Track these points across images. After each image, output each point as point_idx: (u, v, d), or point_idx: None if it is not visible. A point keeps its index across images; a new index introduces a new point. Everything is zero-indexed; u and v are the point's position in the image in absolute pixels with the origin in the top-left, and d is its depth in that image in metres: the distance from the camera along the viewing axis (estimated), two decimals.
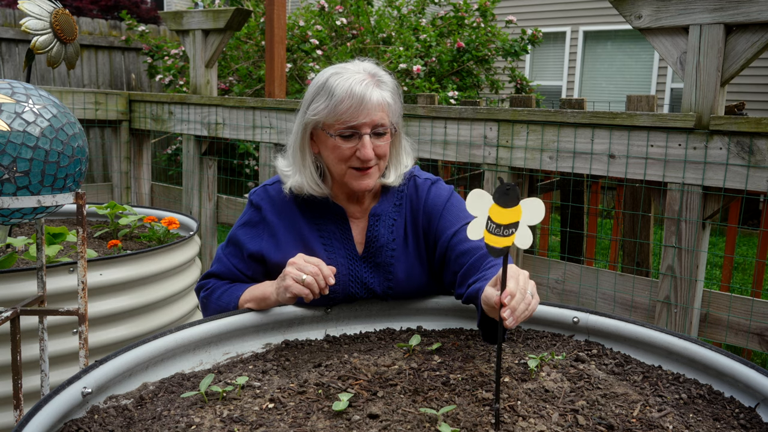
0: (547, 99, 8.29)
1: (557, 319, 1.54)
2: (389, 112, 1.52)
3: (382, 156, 1.56)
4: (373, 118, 1.49)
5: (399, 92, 1.58)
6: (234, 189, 7.39)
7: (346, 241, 1.63)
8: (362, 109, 1.47)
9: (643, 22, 2.28)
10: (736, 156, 2.10)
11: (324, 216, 1.63)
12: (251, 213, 1.66)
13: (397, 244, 1.63)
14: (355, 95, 1.46)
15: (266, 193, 1.65)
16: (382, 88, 1.51)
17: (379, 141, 1.52)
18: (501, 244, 1.02)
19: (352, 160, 1.52)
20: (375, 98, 1.48)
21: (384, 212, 1.64)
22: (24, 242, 2.39)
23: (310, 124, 1.55)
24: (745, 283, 5.32)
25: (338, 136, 1.50)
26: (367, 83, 1.48)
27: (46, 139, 1.57)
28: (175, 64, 7.51)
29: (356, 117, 1.47)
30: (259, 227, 1.63)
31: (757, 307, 2.17)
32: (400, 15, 7.47)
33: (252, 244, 1.62)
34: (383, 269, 1.62)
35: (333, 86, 1.48)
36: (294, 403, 1.15)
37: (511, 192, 1.01)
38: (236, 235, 1.66)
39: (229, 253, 1.66)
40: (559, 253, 4.47)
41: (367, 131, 1.49)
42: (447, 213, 1.61)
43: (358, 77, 1.49)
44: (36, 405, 1.04)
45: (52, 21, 2.22)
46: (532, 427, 1.06)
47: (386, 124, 1.52)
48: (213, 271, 1.68)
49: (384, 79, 1.54)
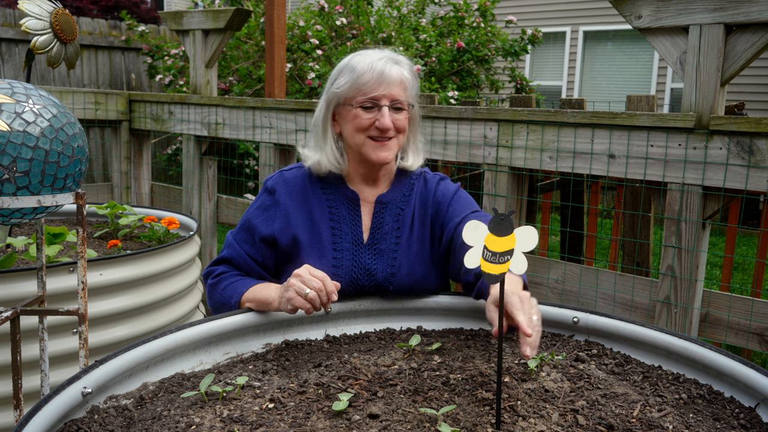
0: (547, 99, 8.28)
1: (557, 319, 1.55)
2: (407, 89, 1.63)
3: (401, 130, 1.64)
4: (392, 92, 1.59)
5: (416, 74, 1.68)
6: (234, 189, 7.39)
7: (355, 227, 1.66)
8: (382, 81, 1.58)
9: (643, 22, 2.28)
10: (736, 156, 2.10)
11: (336, 200, 1.67)
12: (264, 197, 1.69)
13: (402, 233, 1.67)
14: (376, 69, 1.58)
15: (281, 177, 1.71)
16: (402, 66, 1.62)
17: (397, 115, 1.62)
18: (497, 270, 1.07)
19: (371, 130, 1.61)
20: (395, 73, 1.59)
21: (391, 201, 1.70)
22: (24, 242, 2.39)
23: (333, 99, 1.65)
24: (745, 283, 5.32)
25: (359, 107, 1.60)
26: (386, 60, 1.60)
27: (46, 139, 1.57)
28: (175, 64, 7.51)
29: (376, 89, 1.58)
30: (272, 210, 1.66)
31: (757, 307, 2.17)
32: (400, 15, 7.47)
33: (264, 227, 1.64)
34: (387, 256, 1.65)
35: (355, 63, 1.61)
36: (294, 403, 1.15)
37: (506, 221, 1.07)
38: (249, 219, 1.68)
39: (240, 239, 1.68)
40: (559, 253, 4.47)
41: (386, 103, 1.59)
42: (455, 203, 1.69)
43: (379, 55, 1.61)
44: (36, 405, 1.04)
45: (52, 21, 2.22)
46: (532, 427, 1.06)
47: (404, 99, 1.62)
48: (224, 257, 1.68)
49: (402, 60, 1.65)
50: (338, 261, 1.63)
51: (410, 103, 1.64)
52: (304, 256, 1.63)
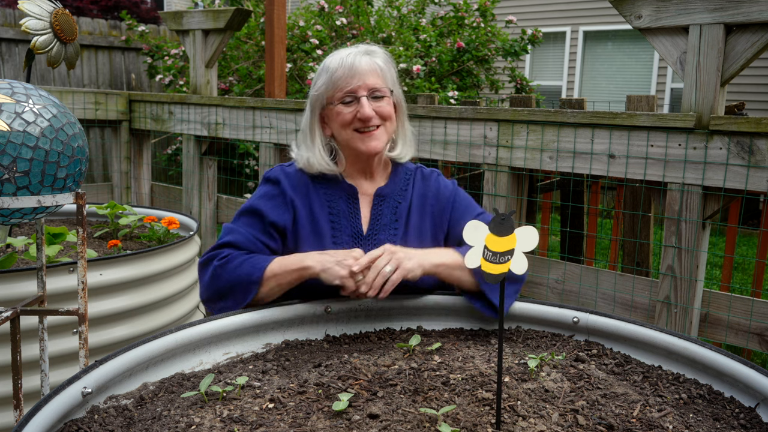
0: (547, 99, 8.28)
1: (557, 319, 1.54)
2: (383, 76, 1.64)
3: (386, 117, 1.65)
4: (366, 81, 1.61)
5: (392, 61, 1.70)
6: (234, 189, 7.39)
7: (354, 220, 1.67)
8: (354, 73, 1.60)
9: (643, 22, 2.28)
10: (736, 156, 2.09)
11: (335, 195, 1.68)
12: (268, 187, 1.68)
13: (399, 225, 1.69)
14: (346, 63, 1.61)
15: (283, 171, 1.71)
16: (373, 56, 1.64)
17: (378, 103, 1.63)
18: (497, 270, 1.07)
19: (355, 123, 1.63)
20: (365, 63, 1.61)
21: (389, 194, 1.71)
22: (24, 242, 2.39)
23: (316, 103, 1.67)
24: (745, 283, 5.32)
25: (340, 104, 1.63)
26: (356, 53, 1.63)
27: (46, 139, 1.57)
28: (175, 64, 7.51)
29: (350, 82, 1.60)
30: (278, 199, 1.65)
31: (757, 307, 2.17)
32: (400, 15, 7.47)
33: (274, 213, 1.63)
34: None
35: (329, 63, 1.64)
36: (294, 403, 1.15)
37: (506, 221, 1.08)
38: (254, 205, 1.64)
39: (245, 223, 1.62)
40: (559, 253, 4.47)
41: (364, 93, 1.61)
42: (458, 204, 1.73)
43: (349, 51, 1.64)
44: (36, 405, 1.04)
45: (52, 21, 2.22)
46: (532, 427, 1.06)
47: (381, 86, 1.63)
48: (228, 241, 1.59)
49: (374, 50, 1.67)
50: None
51: (389, 89, 1.65)
52: (304, 247, 1.63)
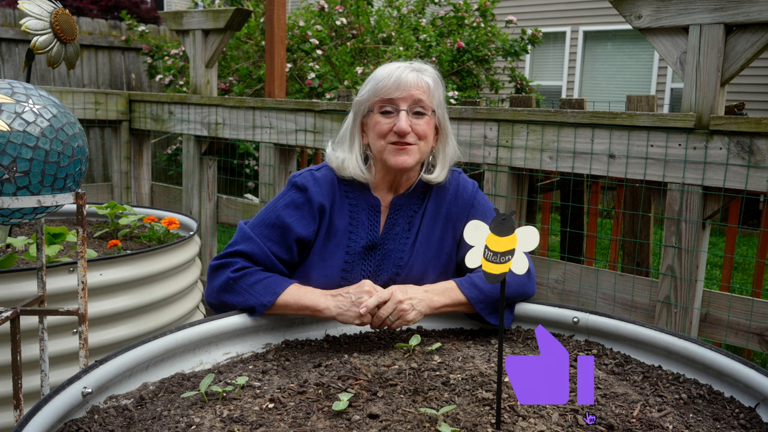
0: (547, 99, 8.28)
1: (557, 319, 1.55)
2: (428, 93, 1.62)
3: (422, 136, 1.62)
4: (410, 93, 1.59)
5: (441, 83, 1.68)
6: (234, 189, 7.39)
7: (372, 232, 1.67)
8: (399, 85, 1.59)
9: (643, 22, 2.28)
10: (736, 156, 2.09)
11: (359, 205, 1.67)
12: (294, 194, 1.63)
13: (411, 234, 1.68)
14: (393, 74, 1.61)
15: (312, 176, 1.67)
16: (422, 73, 1.63)
17: (417, 120, 1.61)
18: (498, 270, 1.07)
19: (390, 135, 1.61)
20: (411, 77, 1.60)
21: (405, 203, 1.70)
22: (24, 242, 2.39)
23: (359, 108, 1.67)
24: (745, 283, 5.32)
25: (379, 113, 1.62)
26: (405, 67, 1.62)
27: (46, 139, 1.57)
28: (175, 64, 7.51)
29: (393, 92, 1.59)
30: (305, 209, 1.62)
31: (757, 307, 2.17)
32: (400, 15, 7.47)
33: (301, 227, 1.60)
34: (394, 256, 1.66)
35: (377, 73, 1.64)
36: (294, 403, 1.15)
37: (507, 221, 1.08)
38: (280, 216, 1.61)
39: (263, 234, 1.60)
40: (559, 252, 4.47)
41: (404, 107, 1.60)
42: (475, 210, 1.71)
43: (399, 64, 1.64)
44: (36, 405, 1.04)
45: (52, 21, 2.22)
46: (532, 427, 1.06)
47: (425, 101, 1.61)
48: (242, 251, 1.58)
49: (425, 68, 1.66)
50: (349, 265, 1.64)
51: (432, 108, 1.63)
52: (317, 255, 1.63)
